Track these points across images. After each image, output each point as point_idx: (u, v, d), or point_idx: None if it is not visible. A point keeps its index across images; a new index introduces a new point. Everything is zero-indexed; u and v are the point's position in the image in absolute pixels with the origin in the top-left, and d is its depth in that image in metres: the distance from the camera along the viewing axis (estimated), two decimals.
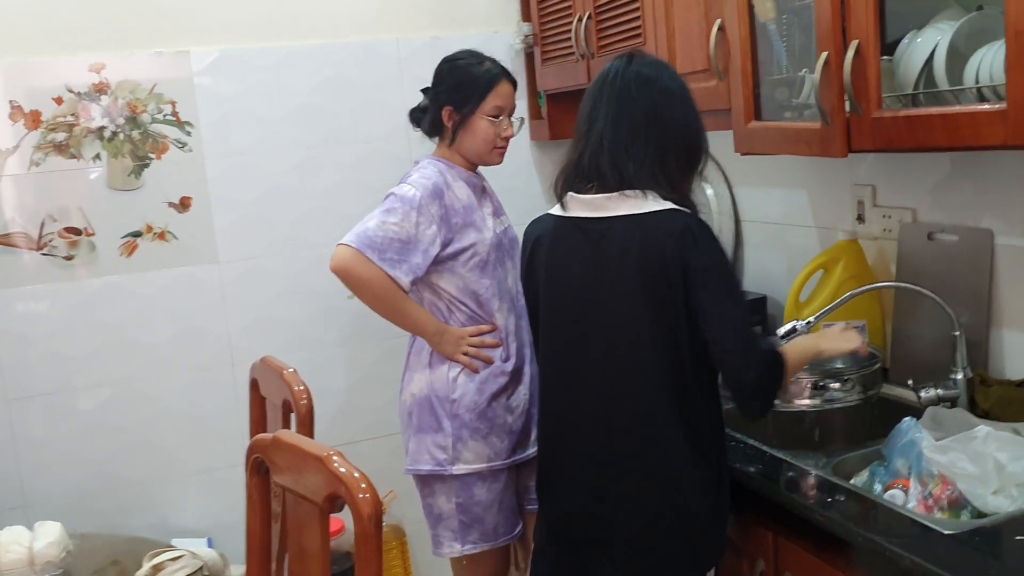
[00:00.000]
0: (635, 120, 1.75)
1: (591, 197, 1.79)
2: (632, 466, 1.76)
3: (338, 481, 1.34)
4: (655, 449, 1.75)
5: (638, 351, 1.74)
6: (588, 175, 1.80)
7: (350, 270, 2.19)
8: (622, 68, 1.80)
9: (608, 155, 1.76)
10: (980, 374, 1.98)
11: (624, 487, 1.77)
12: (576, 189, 1.83)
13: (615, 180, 1.75)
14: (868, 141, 1.77)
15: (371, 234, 2.19)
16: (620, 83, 1.78)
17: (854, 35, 1.74)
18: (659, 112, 1.76)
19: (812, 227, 2.53)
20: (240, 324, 3.02)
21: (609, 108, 1.77)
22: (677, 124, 1.78)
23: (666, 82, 1.78)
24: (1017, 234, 1.95)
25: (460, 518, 2.30)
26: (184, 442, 2.98)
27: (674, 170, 1.77)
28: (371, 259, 2.17)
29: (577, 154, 1.83)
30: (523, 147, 3.30)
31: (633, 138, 1.75)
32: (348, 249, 2.18)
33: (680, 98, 1.79)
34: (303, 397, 1.93)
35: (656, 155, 1.75)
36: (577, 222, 1.81)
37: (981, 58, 1.65)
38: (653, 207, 1.73)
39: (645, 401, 1.75)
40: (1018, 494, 1.59)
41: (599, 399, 1.80)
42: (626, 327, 1.75)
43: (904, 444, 1.76)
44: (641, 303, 1.73)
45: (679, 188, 1.77)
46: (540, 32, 3.11)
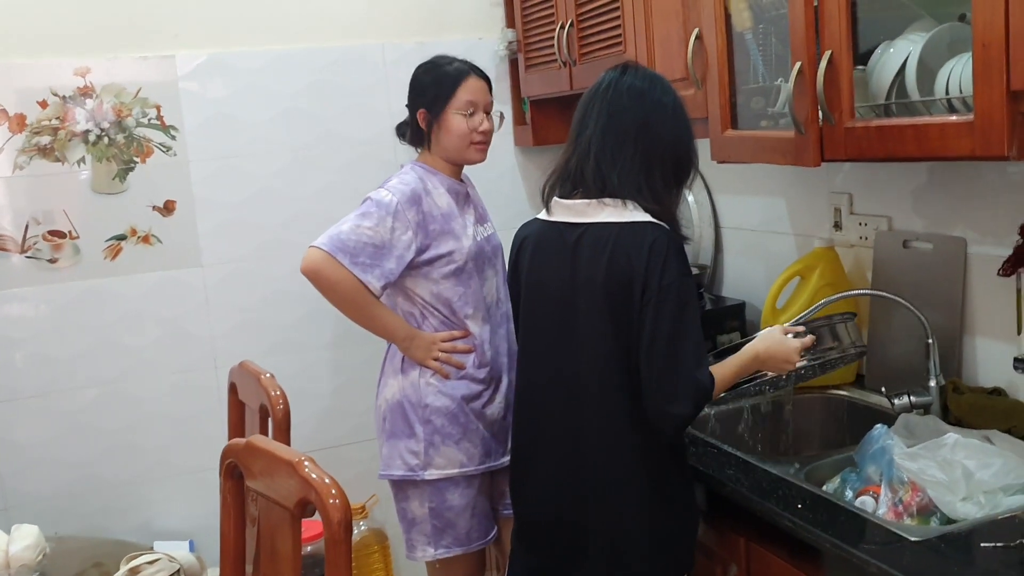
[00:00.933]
0: (625, 130, 1.76)
1: (573, 202, 1.80)
2: (600, 476, 1.78)
3: (309, 486, 1.36)
4: (619, 461, 1.76)
5: (601, 361, 1.75)
6: (574, 180, 1.81)
7: (319, 272, 2.19)
8: (616, 78, 1.80)
9: (593, 161, 1.77)
10: (953, 382, 2.00)
11: (594, 496, 1.78)
12: (562, 194, 1.84)
13: (597, 187, 1.76)
14: (841, 151, 1.78)
15: (344, 237, 2.19)
16: (613, 93, 1.79)
17: (827, 45, 1.76)
18: (649, 124, 1.76)
19: (790, 234, 2.55)
20: (224, 327, 3.03)
21: (600, 116, 1.78)
22: (667, 138, 1.78)
23: (659, 95, 1.78)
24: (989, 243, 1.97)
25: (433, 523, 2.30)
26: (168, 444, 2.99)
27: (659, 182, 1.77)
28: (342, 263, 2.17)
29: (565, 159, 1.84)
30: (507, 152, 3.31)
31: (620, 147, 1.76)
32: (319, 252, 2.18)
33: (672, 113, 1.79)
34: (280, 402, 1.94)
35: (642, 166, 1.75)
36: (558, 226, 1.83)
37: (951, 69, 1.66)
38: (630, 218, 1.73)
39: (607, 413, 1.76)
40: (986, 501, 1.61)
41: (568, 407, 1.81)
42: (592, 337, 1.76)
43: (875, 451, 1.78)
44: (606, 315, 1.73)
45: (663, 201, 1.77)
46: (524, 39, 3.12)
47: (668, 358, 1.67)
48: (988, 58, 1.45)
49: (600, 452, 1.77)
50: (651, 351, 1.67)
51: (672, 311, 1.67)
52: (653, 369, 1.68)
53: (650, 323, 1.67)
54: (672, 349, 1.67)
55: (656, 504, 1.77)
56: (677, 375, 1.67)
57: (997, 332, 1.98)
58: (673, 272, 1.68)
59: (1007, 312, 1.91)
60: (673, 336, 1.67)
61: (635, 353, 1.70)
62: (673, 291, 1.67)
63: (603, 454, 1.77)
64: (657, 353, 1.67)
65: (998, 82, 1.43)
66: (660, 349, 1.67)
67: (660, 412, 1.70)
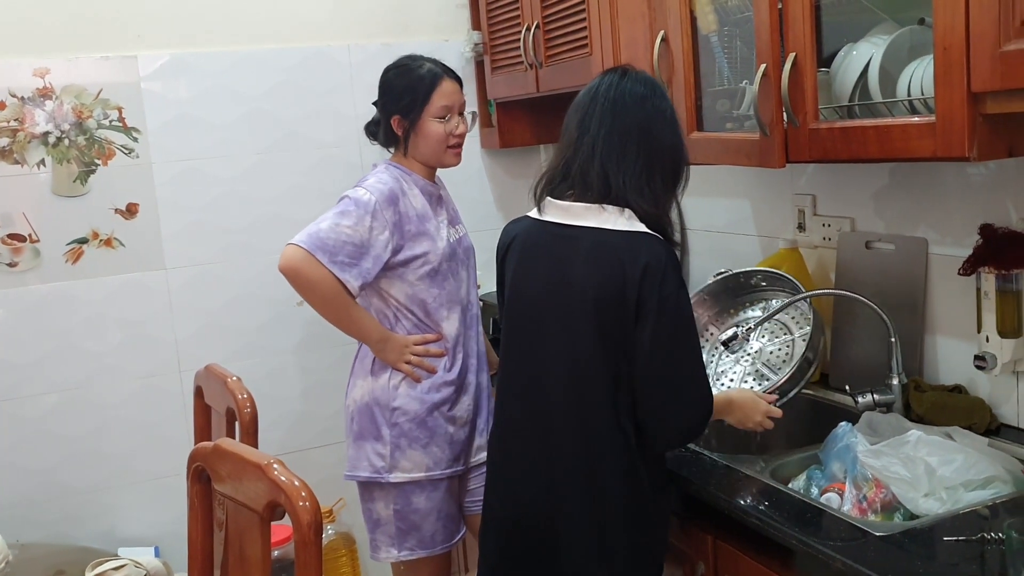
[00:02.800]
0: (628, 132, 1.74)
1: (569, 204, 1.77)
2: (573, 481, 1.76)
3: (278, 489, 1.35)
4: (593, 472, 1.75)
5: (583, 372, 1.74)
6: (573, 181, 1.79)
7: (299, 271, 2.17)
8: (616, 81, 1.79)
9: (599, 164, 1.74)
10: (915, 380, 2.03)
11: (566, 503, 1.77)
12: (556, 195, 1.82)
13: (601, 190, 1.74)
14: (805, 152, 1.81)
15: (323, 236, 2.17)
16: (615, 94, 1.77)
17: (792, 48, 1.78)
18: (651, 129, 1.75)
19: (755, 236, 2.58)
20: (189, 331, 3.00)
21: (604, 118, 1.75)
22: (665, 143, 1.77)
23: (658, 102, 1.78)
24: (950, 243, 2.01)
25: (398, 524, 2.30)
26: (132, 450, 2.96)
27: (659, 186, 1.76)
28: (321, 261, 2.16)
29: (564, 160, 1.81)
30: (474, 155, 3.31)
31: (624, 149, 1.74)
32: (299, 250, 2.17)
33: (670, 120, 1.79)
34: (247, 405, 1.93)
35: (645, 168, 1.74)
36: (550, 228, 1.80)
37: (912, 72, 1.69)
38: (626, 227, 1.71)
39: (584, 421, 1.75)
40: (947, 496, 1.63)
41: (544, 411, 1.80)
42: (576, 346, 1.74)
43: (840, 448, 1.80)
44: (594, 324, 1.72)
45: (661, 204, 1.77)
46: (490, 41, 3.13)
47: (667, 371, 1.68)
48: (949, 61, 1.47)
49: (576, 464, 1.76)
50: (650, 364, 1.67)
51: (672, 324, 1.67)
52: (651, 380, 1.68)
53: (648, 336, 1.67)
54: (671, 362, 1.68)
55: (631, 515, 1.76)
56: (677, 387, 1.69)
57: (957, 331, 2.01)
58: (671, 285, 1.67)
59: (967, 311, 1.94)
60: (674, 349, 1.68)
61: (624, 363, 1.70)
62: (671, 304, 1.67)
63: (579, 466, 1.76)
64: (655, 366, 1.67)
65: (959, 84, 1.46)
66: (658, 362, 1.67)
67: (658, 423, 1.70)
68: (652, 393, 1.69)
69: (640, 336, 1.68)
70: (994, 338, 1.86)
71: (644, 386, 1.70)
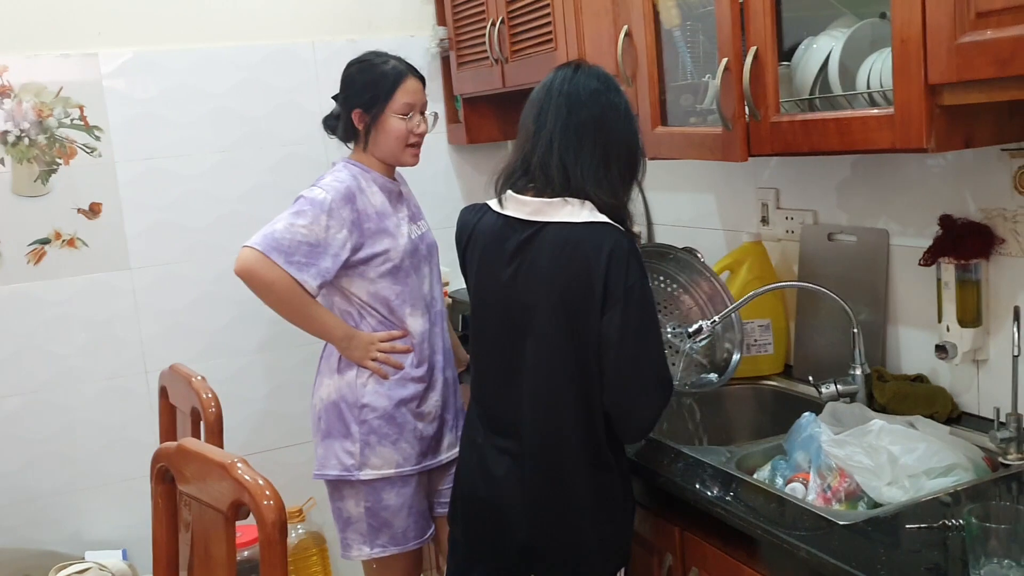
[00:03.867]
0: (584, 125, 1.76)
1: (529, 199, 1.78)
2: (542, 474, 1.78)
3: (242, 488, 1.34)
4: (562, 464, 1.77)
5: (552, 367, 1.75)
6: (533, 175, 1.79)
7: (254, 273, 2.16)
8: (570, 75, 1.80)
9: (557, 156, 1.75)
10: (877, 370, 2.05)
11: (535, 493, 1.79)
12: (517, 189, 1.82)
13: (561, 182, 1.75)
14: (767, 146, 1.82)
15: (278, 236, 2.16)
16: (569, 88, 1.78)
17: (753, 42, 1.80)
18: (605, 123, 1.77)
19: (720, 229, 2.60)
20: (154, 331, 2.98)
21: (559, 112, 1.77)
22: (620, 137, 1.79)
23: (612, 96, 1.79)
24: (911, 234, 2.03)
25: (369, 522, 2.29)
26: (97, 452, 2.93)
27: (616, 178, 1.78)
28: (276, 262, 2.15)
29: (522, 154, 1.82)
30: (441, 151, 3.31)
31: (581, 143, 1.75)
32: (253, 251, 2.16)
33: (624, 114, 1.80)
34: (211, 405, 1.91)
35: (601, 160, 1.76)
36: (512, 223, 1.81)
37: (871, 64, 1.71)
38: (587, 218, 1.73)
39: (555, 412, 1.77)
40: (910, 484, 1.65)
41: (515, 406, 1.81)
42: (544, 339, 1.76)
43: (804, 438, 1.81)
44: (561, 316, 1.73)
45: (619, 196, 1.78)
46: (455, 36, 3.12)
47: (635, 359, 1.69)
48: (906, 53, 1.49)
49: (546, 456, 1.78)
50: (619, 353, 1.69)
51: (637, 313, 1.69)
52: (620, 369, 1.70)
53: (616, 325, 1.68)
54: (639, 350, 1.70)
55: (598, 505, 1.78)
56: (645, 375, 1.70)
57: (919, 321, 2.03)
58: (635, 274, 1.70)
59: (928, 301, 1.96)
60: (639, 336, 1.70)
61: (592, 354, 1.71)
62: (636, 294, 1.69)
63: (549, 459, 1.78)
64: (625, 354, 1.69)
65: (916, 77, 1.48)
66: (627, 350, 1.69)
67: (627, 412, 1.72)
68: (621, 383, 1.71)
69: (607, 326, 1.69)
70: (954, 328, 1.89)
71: (613, 376, 1.71)
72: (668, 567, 1.88)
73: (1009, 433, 1.74)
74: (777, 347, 2.33)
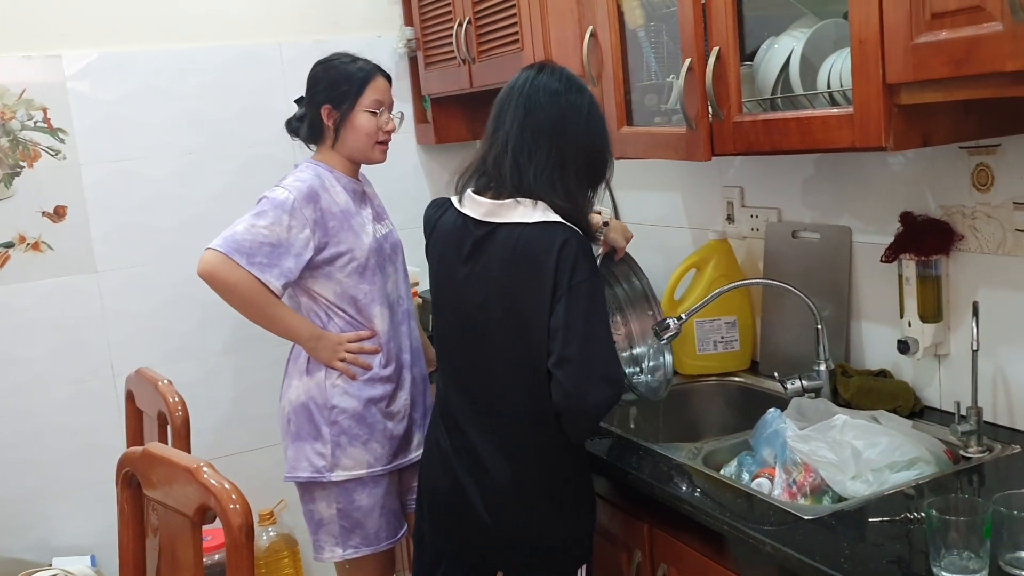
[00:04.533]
0: (540, 128, 1.76)
1: (484, 200, 1.80)
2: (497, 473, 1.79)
3: (208, 492, 1.34)
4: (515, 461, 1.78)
5: (504, 366, 1.77)
6: (490, 175, 1.81)
7: (215, 274, 2.16)
8: (532, 77, 1.81)
9: (511, 157, 1.77)
10: (842, 365, 2.08)
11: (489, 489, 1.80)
12: (476, 189, 1.83)
13: (514, 183, 1.76)
14: (730, 145, 1.84)
15: (239, 238, 2.16)
16: (529, 90, 1.79)
17: (715, 42, 1.81)
18: (564, 124, 1.77)
19: (686, 228, 2.62)
20: (121, 335, 2.96)
21: (516, 113, 1.78)
22: (581, 139, 1.79)
23: (574, 97, 1.79)
24: (872, 231, 2.06)
25: (341, 523, 2.29)
26: (65, 458, 2.91)
27: (573, 181, 1.78)
28: (239, 263, 2.14)
29: (482, 155, 1.84)
30: (409, 151, 3.31)
31: (536, 143, 1.76)
32: (215, 253, 2.15)
33: (587, 115, 1.80)
34: (178, 408, 1.90)
35: (557, 163, 1.76)
36: (469, 223, 1.82)
37: (832, 64, 1.73)
38: (540, 218, 1.73)
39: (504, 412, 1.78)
40: (873, 478, 1.67)
41: (469, 401, 1.83)
42: (496, 340, 1.77)
43: (769, 434, 1.83)
44: (513, 314, 1.74)
45: (575, 200, 1.78)
46: (422, 37, 3.13)
47: (580, 353, 1.68)
48: (864, 54, 1.51)
49: (500, 449, 1.79)
50: (563, 346, 1.68)
51: (584, 307, 1.69)
52: (564, 362, 1.68)
53: (563, 319, 1.68)
54: (584, 343, 1.69)
55: (556, 502, 1.79)
56: (590, 367, 1.68)
57: (881, 316, 2.06)
58: (584, 272, 1.70)
59: (890, 297, 1.99)
60: (586, 330, 1.69)
61: (543, 351, 1.71)
62: (584, 289, 1.69)
63: (502, 451, 1.79)
64: (569, 348, 1.68)
65: (875, 76, 1.50)
66: (572, 344, 1.68)
67: (570, 408, 1.70)
68: (564, 376, 1.69)
69: (554, 321, 1.69)
70: (916, 323, 1.91)
71: (558, 367, 1.69)
72: (637, 563, 1.89)
73: (969, 426, 1.76)
74: (743, 344, 2.35)
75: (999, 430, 1.82)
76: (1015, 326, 1.79)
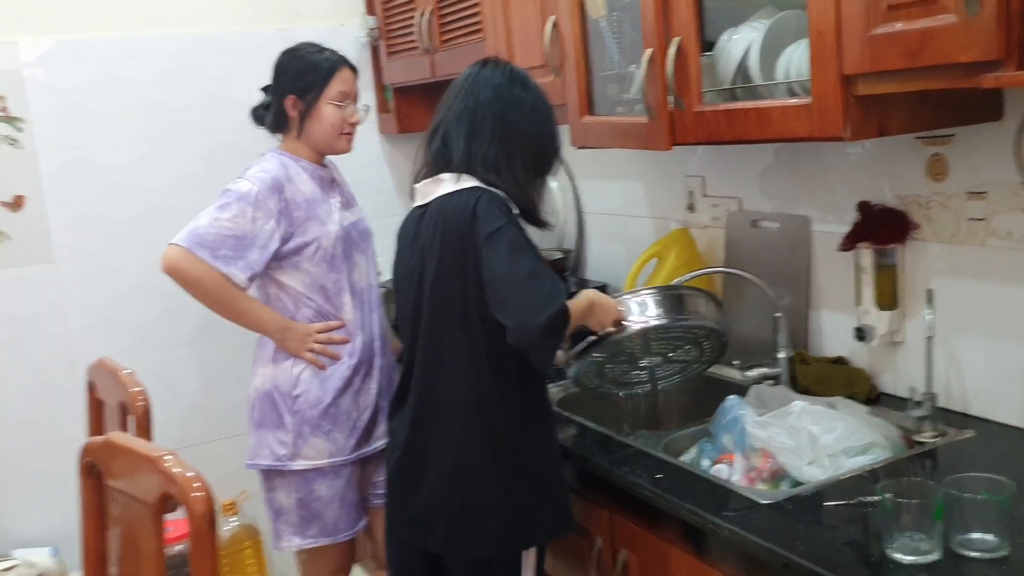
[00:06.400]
0: (482, 119, 1.79)
1: (419, 184, 1.85)
2: (438, 448, 1.81)
3: (170, 481, 1.33)
4: (453, 435, 1.80)
5: (444, 331, 1.79)
6: (428, 163, 1.85)
7: (180, 269, 2.14)
8: (475, 72, 1.84)
9: (440, 140, 1.81)
10: (800, 353, 2.11)
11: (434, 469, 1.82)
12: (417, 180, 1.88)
13: (441, 161, 1.80)
14: (691, 135, 1.85)
15: (202, 232, 2.15)
16: (471, 86, 1.82)
17: (676, 32, 1.83)
18: (507, 118, 1.79)
19: (648, 217, 2.63)
20: (80, 325, 2.92)
21: (456, 106, 1.81)
22: (526, 132, 1.81)
23: (517, 91, 1.81)
24: (831, 221, 2.08)
25: (300, 513, 2.29)
26: (24, 449, 2.87)
27: (519, 168, 1.80)
28: (202, 258, 2.13)
29: (419, 151, 1.88)
30: (372, 142, 3.30)
31: (477, 131, 1.78)
32: (178, 248, 2.14)
33: (532, 109, 1.82)
34: (140, 398, 1.89)
35: (502, 150, 1.78)
36: (415, 212, 1.87)
37: (790, 55, 1.75)
38: (462, 186, 1.76)
39: (446, 386, 1.80)
40: (830, 463, 1.70)
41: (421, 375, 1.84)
42: (435, 307, 1.80)
43: (729, 421, 1.86)
44: (444, 282, 1.77)
45: (523, 185, 1.80)
46: (384, 26, 3.11)
47: (515, 288, 1.66)
48: (822, 44, 1.53)
49: (436, 416, 1.81)
50: (498, 290, 1.67)
51: (506, 246, 1.68)
52: (500, 295, 1.67)
53: (488, 263, 1.68)
54: (512, 271, 1.66)
55: (495, 477, 1.78)
56: (527, 289, 1.65)
57: (839, 304, 2.09)
58: (496, 219, 1.70)
59: (847, 285, 2.02)
60: (512, 269, 1.66)
61: (470, 320, 1.74)
62: (503, 233, 1.69)
63: (439, 419, 1.81)
64: (505, 289, 1.66)
65: (832, 67, 1.52)
66: (506, 285, 1.66)
67: (525, 335, 1.66)
68: (507, 312, 1.67)
69: (484, 270, 1.69)
70: (872, 311, 1.95)
71: (498, 311, 1.68)
72: (598, 550, 1.91)
73: (924, 412, 1.80)
74: None
75: (952, 415, 1.86)
76: (968, 314, 1.83)
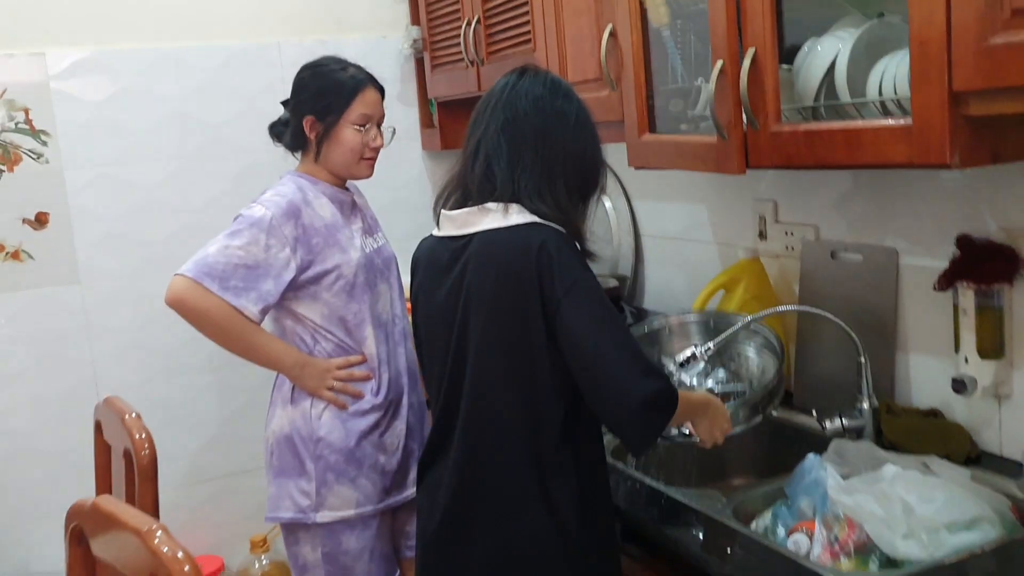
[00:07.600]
0: (523, 137, 1.59)
1: (455, 212, 1.63)
2: (485, 507, 1.60)
3: (159, 562, 1.15)
4: (505, 495, 1.59)
5: (494, 385, 1.58)
6: (464, 190, 1.64)
7: (185, 302, 1.99)
8: (512, 82, 1.64)
9: (483, 163, 1.60)
10: (886, 403, 1.88)
11: (478, 528, 1.61)
12: (450, 206, 1.66)
13: (488, 189, 1.59)
14: (766, 157, 1.65)
15: (211, 261, 1.99)
16: (509, 97, 1.62)
17: (750, 42, 1.62)
18: (549, 133, 1.60)
19: (713, 243, 2.42)
20: (106, 350, 2.81)
21: (494, 121, 1.61)
22: (570, 149, 1.61)
23: (560, 103, 1.62)
24: (922, 254, 1.86)
25: (327, 568, 2.09)
26: (44, 479, 2.76)
27: (562, 193, 1.60)
28: (210, 289, 1.97)
29: (454, 171, 1.68)
30: (415, 158, 3.15)
31: (519, 154, 1.59)
32: (183, 279, 1.99)
33: (576, 123, 1.62)
34: (144, 447, 1.72)
35: (543, 174, 1.59)
36: (445, 242, 1.66)
37: (884, 69, 1.54)
38: (514, 221, 1.56)
39: (498, 440, 1.59)
40: (928, 540, 1.47)
41: (465, 432, 1.62)
42: (485, 358, 1.58)
43: (808, 483, 1.64)
44: (496, 332, 1.56)
45: (567, 211, 1.60)
46: (429, 37, 2.97)
47: (602, 355, 1.48)
48: (926, 57, 1.32)
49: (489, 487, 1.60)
50: (580, 355, 1.49)
51: (587, 307, 1.50)
52: (589, 373, 1.50)
53: (568, 328, 1.49)
54: (601, 344, 1.48)
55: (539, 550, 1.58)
56: (621, 368, 1.48)
57: (933, 349, 1.86)
58: (573, 268, 1.51)
59: (943, 328, 1.79)
60: (599, 331, 1.49)
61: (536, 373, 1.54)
62: (580, 287, 1.50)
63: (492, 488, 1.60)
64: (587, 355, 1.49)
65: (938, 83, 1.30)
66: (588, 350, 1.48)
67: (618, 419, 1.51)
68: (596, 388, 1.50)
69: (561, 335, 1.50)
70: (973, 359, 1.71)
71: (587, 385, 1.51)
72: None
73: None
74: None
75: None
76: None
